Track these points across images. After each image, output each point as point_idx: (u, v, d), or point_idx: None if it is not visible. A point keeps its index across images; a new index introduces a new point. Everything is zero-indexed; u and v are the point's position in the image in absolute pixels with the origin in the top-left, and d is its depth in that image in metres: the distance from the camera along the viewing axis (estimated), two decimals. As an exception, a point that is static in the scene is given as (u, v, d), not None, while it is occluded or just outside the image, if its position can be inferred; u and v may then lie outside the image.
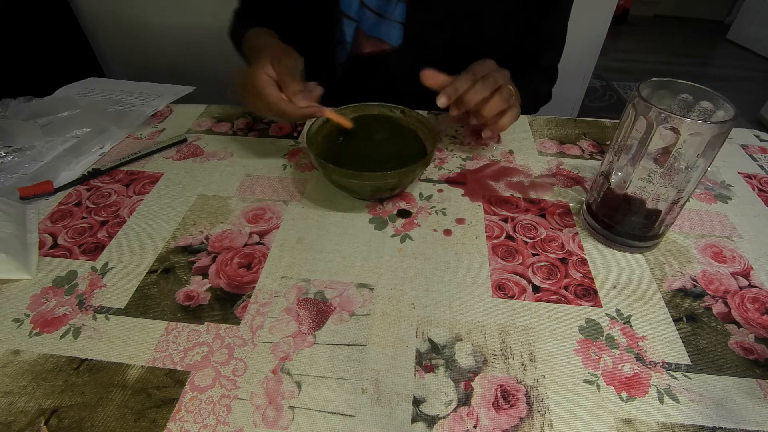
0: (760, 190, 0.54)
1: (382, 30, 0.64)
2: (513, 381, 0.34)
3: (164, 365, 0.35)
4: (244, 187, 0.53)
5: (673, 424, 0.32)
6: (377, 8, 0.63)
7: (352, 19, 0.64)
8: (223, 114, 0.67)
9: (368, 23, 0.64)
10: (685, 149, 0.37)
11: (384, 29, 0.64)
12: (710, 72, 2.71)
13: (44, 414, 0.32)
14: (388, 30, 0.64)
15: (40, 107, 0.62)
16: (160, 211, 0.49)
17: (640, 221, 0.43)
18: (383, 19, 0.63)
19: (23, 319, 0.38)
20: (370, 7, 0.63)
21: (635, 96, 0.38)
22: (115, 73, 1.51)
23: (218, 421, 0.31)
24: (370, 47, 0.66)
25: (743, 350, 0.36)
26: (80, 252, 0.44)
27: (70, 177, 0.54)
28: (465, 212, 0.49)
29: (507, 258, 0.44)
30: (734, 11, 3.15)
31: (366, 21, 0.64)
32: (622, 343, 0.37)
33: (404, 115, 0.54)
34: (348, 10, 0.64)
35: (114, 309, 0.39)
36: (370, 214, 0.49)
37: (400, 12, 0.63)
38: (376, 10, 0.63)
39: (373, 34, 0.65)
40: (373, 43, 0.65)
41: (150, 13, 1.36)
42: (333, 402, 0.33)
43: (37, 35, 1.24)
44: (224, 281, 0.41)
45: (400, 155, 0.50)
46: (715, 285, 0.42)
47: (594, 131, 0.64)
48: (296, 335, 0.37)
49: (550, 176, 0.55)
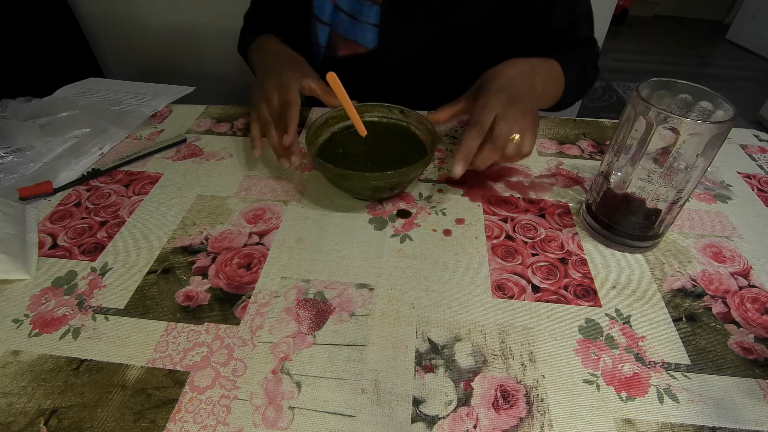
0: (759, 189, 0.54)
1: (356, 33, 0.64)
2: (513, 381, 0.34)
3: (164, 366, 0.35)
4: (243, 188, 0.53)
5: (672, 424, 0.32)
6: (351, 11, 0.63)
7: (326, 24, 0.64)
8: (222, 114, 0.67)
9: (343, 26, 0.64)
10: (684, 149, 0.37)
11: (359, 32, 0.64)
12: (709, 72, 2.71)
13: (44, 414, 0.32)
14: (362, 33, 0.64)
15: (40, 107, 0.62)
16: (159, 212, 0.49)
17: (639, 221, 0.43)
18: (357, 21, 0.63)
19: (23, 320, 0.38)
20: (344, 10, 0.63)
21: (635, 96, 0.38)
22: (115, 74, 1.51)
23: (218, 421, 0.31)
24: (345, 50, 0.66)
25: (743, 350, 0.36)
26: (80, 252, 0.44)
27: (70, 177, 0.54)
28: (465, 212, 0.49)
29: (507, 258, 0.44)
30: (733, 11, 3.15)
31: (341, 23, 0.64)
32: (621, 343, 0.37)
33: (403, 115, 0.54)
34: (321, 14, 0.64)
35: (114, 309, 0.39)
36: (370, 215, 0.49)
37: (374, 14, 0.62)
38: (350, 13, 0.63)
39: (348, 37, 0.64)
40: (349, 45, 0.65)
41: (150, 13, 1.35)
42: (333, 402, 0.33)
43: (37, 35, 1.24)
44: (224, 281, 0.41)
45: (399, 155, 0.50)
46: (715, 285, 0.42)
47: (593, 131, 0.64)
48: (296, 335, 0.37)
49: (550, 176, 0.55)
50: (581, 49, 0.63)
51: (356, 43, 0.64)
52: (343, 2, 0.62)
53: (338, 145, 0.52)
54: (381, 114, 0.55)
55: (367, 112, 0.55)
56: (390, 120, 0.55)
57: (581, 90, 0.63)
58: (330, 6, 0.63)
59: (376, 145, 0.52)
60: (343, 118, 0.54)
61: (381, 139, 0.53)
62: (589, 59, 0.63)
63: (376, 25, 0.63)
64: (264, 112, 0.52)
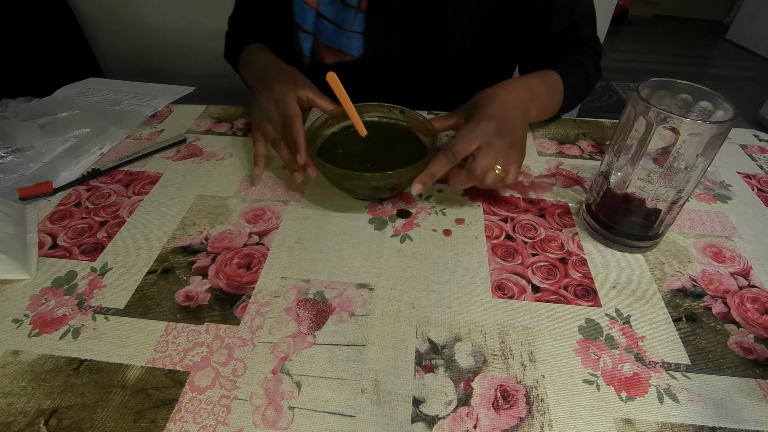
0: (759, 189, 0.54)
1: (341, 41, 0.62)
2: (513, 381, 0.34)
3: (164, 366, 0.35)
4: (243, 188, 0.53)
5: (672, 424, 0.32)
6: (335, 19, 0.61)
7: (309, 33, 0.63)
8: (222, 114, 0.67)
9: (327, 34, 0.62)
10: (684, 149, 0.37)
11: (344, 40, 0.62)
12: (709, 72, 2.71)
13: (44, 414, 0.32)
14: (348, 41, 0.62)
15: (40, 107, 0.62)
16: (159, 212, 0.49)
17: (639, 221, 0.43)
18: (342, 29, 0.61)
19: (23, 320, 0.38)
20: (327, 18, 0.61)
21: (635, 96, 0.38)
22: (115, 74, 1.51)
23: (218, 421, 0.31)
24: (331, 58, 0.64)
25: (743, 350, 0.37)
26: (80, 252, 0.44)
27: (70, 177, 0.54)
28: (464, 212, 0.49)
29: (506, 258, 0.44)
30: (733, 11, 3.15)
31: (324, 32, 0.62)
32: (621, 343, 0.37)
33: (403, 115, 0.54)
34: (303, 24, 0.62)
35: (113, 309, 0.39)
36: (370, 215, 0.49)
37: (359, 22, 0.60)
38: (334, 21, 0.61)
39: (333, 46, 0.63)
40: (334, 54, 0.64)
41: (149, 13, 1.35)
42: (333, 402, 0.33)
43: (37, 35, 1.24)
44: (224, 281, 0.41)
45: (400, 155, 0.50)
46: (715, 285, 0.42)
47: (593, 131, 0.64)
48: (296, 335, 0.37)
49: (550, 176, 0.55)
50: (582, 51, 0.61)
51: (341, 51, 0.63)
52: (326, 10, 0.61)
53: (338, 145, 0.52)
54: (381, 114, 0.55)
55: (367, 112, 0.54)
56: (390, 120, 0.55)
57: (582, 94, 0.62)
58: (312, 14, 0.61)
59: (376, 145, 0.52)
60: (343, 118, 0.53)
61: (381, 139, 0.53)
62: (590, 60, 0.62)
63: (361, 32, 0.61)
64: (269, 130, 0.51)
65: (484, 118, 0.44)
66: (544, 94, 0.54)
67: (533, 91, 0.51)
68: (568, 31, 0.61)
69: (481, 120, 0.44)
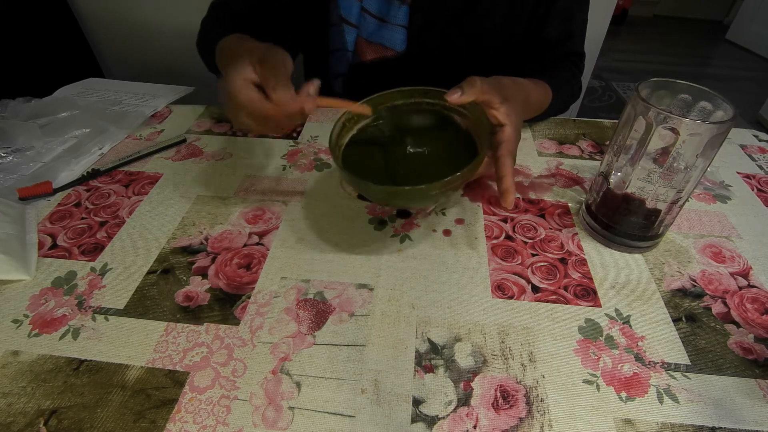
0: (759, 190, 0.54)
1: (384, 35, 0.61)
2: (512, 381, 0.34)
3: (164, 366, 0.35)
4: (243, 188, 0.53)
5: (672, 424, 0.32)
6: (378, 13, 0.61)
7: (353, 26, 0.62)
8: (222, 114, 0.67)
9: (369, 29, 0.62)
10: (684, 149, 0.37)
11: (387, 34, 0.61)
12: (709, 72, 2.71)
13: (43, 415, 0.32)
14: (390, 35, 0.61)
15: (40, 108, 0.62)
16: (159, 212, 0.49)
17: (639, 221, 0.43)
18: (385, 23, 0.61)
19: (22, 320, 0.38)
20: (371, 12, 0.61)
21: (635, 96, 0.38)
22: (115, 74, 1.51)
23: (218, 421, 0.31)
24: (372, 54, 0.63)
25: (742, 350, 0.37)
26: (79, 252, 0.44)
27: (70, 177, 0.54)
28: (464, 212, 0.49)
29: (506, 258, 0.44)
30: (733, 11, 3.15)
31: (367, 27, 0.62)
32: (621, 343, 0.37)
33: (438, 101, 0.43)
34: (349, 16, 0.61)
35: (113, 310, 0.39)
36: (370, 215, 0.49)
37: (403, 15, 0.60)
38: (378, 15, 0.61)
39: (375, 41, 0.62)
40: (376, 49, 0.63)
41: (150, 13, 1.35)
42: (332, 402, 0.33)
43: (37, 35, 1.24)
44: (224, 282, 0.41)
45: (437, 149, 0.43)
46: (715, 285, 0.42)
47: (593, 131, 0.64)
48: (296, 336, 0.37)
49: (550, 176, 0.55)
50: (570, 70, 0.64)
51: (383, 46, 0.62)
52: (369, 4, 0.60)
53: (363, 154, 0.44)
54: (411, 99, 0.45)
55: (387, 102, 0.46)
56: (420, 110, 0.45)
57: (557, 112, 0.64)
58: (357, 6, 0.60)
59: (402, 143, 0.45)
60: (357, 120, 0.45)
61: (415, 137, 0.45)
62: (576, 80, 0.65)
63: (405, 26, 0.61)
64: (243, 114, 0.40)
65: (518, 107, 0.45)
66: (534, 102, 0.55)
67: (529, 95, 0.52)
68: (562, 39, 0.62)
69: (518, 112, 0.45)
